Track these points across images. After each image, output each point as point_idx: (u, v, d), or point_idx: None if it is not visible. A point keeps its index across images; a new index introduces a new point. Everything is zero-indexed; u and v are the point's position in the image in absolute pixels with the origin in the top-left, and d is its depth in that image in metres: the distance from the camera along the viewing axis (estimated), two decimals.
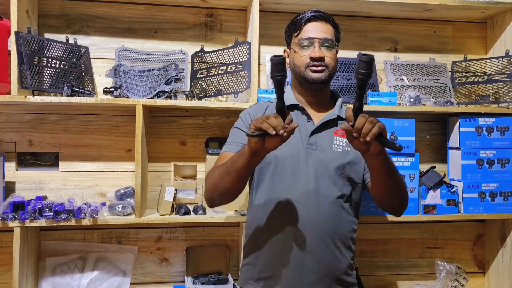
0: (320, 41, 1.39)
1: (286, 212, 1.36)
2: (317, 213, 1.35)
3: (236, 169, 1.19)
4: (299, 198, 1.35)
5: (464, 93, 2.19)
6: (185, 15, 2.05)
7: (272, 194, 1.38)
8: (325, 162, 1.38)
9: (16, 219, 1.67)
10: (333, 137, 1.42)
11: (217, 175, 1.27)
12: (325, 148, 1.40)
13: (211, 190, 1.31)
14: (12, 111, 1.91)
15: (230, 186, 1.25)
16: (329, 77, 1.42)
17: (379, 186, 1.29)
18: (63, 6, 1.95)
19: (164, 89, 1.84)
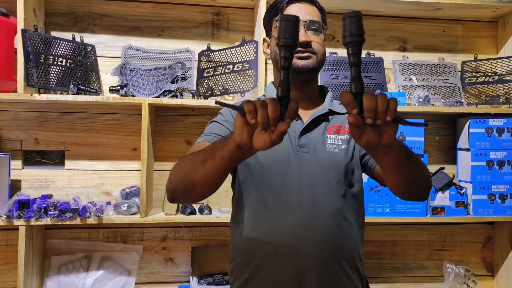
0: (306, 24, 1.18)
1: (279, 230, 1.14)
2: (315, 228, 1.14)
3: (214, 158, 0.91)
4: (292, 211, 1.14)
5: (474, 93, 2.16)
6: (192, 14, 2.04)
7: (260, 209, 1.17)
8: (320, 166, 1.16)
9: (21, 217, 1.67)
10: (326, 136, 1.20)
11: (188, 162, 0.99)
12: (318, 150, 1.18)
13: (176, 179, 1.02)
14: (19, 109, 1.90)
15: (201, 178, 0.96)
16: (318, 65, 1.20)
17: (395, 179, 1.03)
18: (70, 4, 1.95)
19: (171, 87, 1.83)
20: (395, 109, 0.75)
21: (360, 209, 1.24)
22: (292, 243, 1.13)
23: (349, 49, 0.78)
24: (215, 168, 0.92)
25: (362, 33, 0.77)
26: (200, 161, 0.95)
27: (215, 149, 0.92)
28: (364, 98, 0.75)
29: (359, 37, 0.77)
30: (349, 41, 0.77)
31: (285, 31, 0.79)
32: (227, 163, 0.90)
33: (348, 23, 0.77)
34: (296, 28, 0.79)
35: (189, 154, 1.02)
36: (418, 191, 1.09)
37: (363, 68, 2.04)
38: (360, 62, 0.78)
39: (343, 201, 1.17)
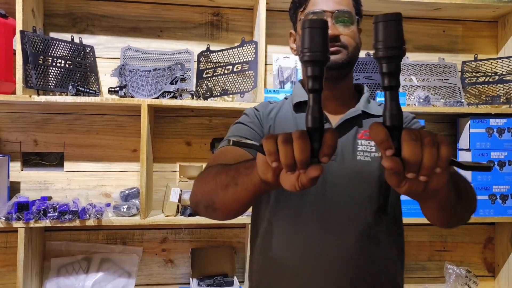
0: (333, 14, 1.03)
1: (298, 251, 0.99)
2: (341, 252, 0.96)
3: (236, 186, 0.78)
4: (313, 230, 0.98)
5: (474, 93, 2.15)
6: (191, 14, 2.03)
7: (277, 226, 1.03)
8: (349, 177, 1.00)
9: (20, 219, 1.66)
10: (356, 142, 1.03)
11: (210, 180, 0.87)
12: (347, 158, 1.01)
13: (198, 195, 0.93)
14: (17, 111, 1.90)
15: (223, 204, 0.85)
16: (349, 60, 1.05)
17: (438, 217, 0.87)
18: (69, 5, 1.94)
19: (170, 88, 1.82)
20: (448, 158, 0.57)
21: (397, 229, 1.07)
22: (314, 270, 0.97)
23: (383, 65, 0.58)
24: (237, 197, 0.80)
25: (402, 44, 0.57)
26: (222, 184, 0.82)
27: (238, 174, 0.78)
28: (404, 145, 0.56)
29: (398, 51, 0.56)
30: (383, 55, 0.57)
31: (310, 42, 0.60)
32: (251, 195, 0.77)
33: (383, 30, 0.57)
34: (324, 37, 0.60)
35: (213, 168, 0.90)
36: (461, 223, 0.94)
37: (363, 68, 2.04)
38: (398, 84, 0.58)
39: (375, 219, 0.99)
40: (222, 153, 1.00)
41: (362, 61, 2.05)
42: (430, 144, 0.56)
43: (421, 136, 0.57)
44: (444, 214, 0.84)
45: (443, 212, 0.82)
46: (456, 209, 0.82)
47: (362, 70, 2.03)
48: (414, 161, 0.56)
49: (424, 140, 0.56)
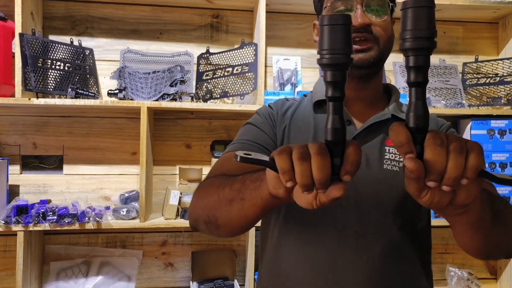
0: (364, 0, 0.90)
1: (311, 271, 0.89)
2: (360, 274, 0.86)
3: (243, 202, 0.70)
4: (332, 247, 0.88)
5: (475, 94, 2.14)
6: (191, 16, 2.03)
7: (290, 238, 0.92)
8: (373, 188, 0.89)
9: (19, 223, 1.65)
10: (384, 149, 0.93)
11: (213, 194, 0.79)
12: (372, 165, 0.91)
13: (198, 210, 0.83)
14: (16, 114, 1.89)
15: (226, 220, 0.76)
16: (381, 56, 0.92)
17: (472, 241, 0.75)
18: (68, 7, 1.94)
19: (169, 91, 1.81)
20: (477, 168, 0.50)
21: (425, 249, 0.96)
22: (326, 284, 0.87)
23: (410, 58, 0.52)
24: (243, 214, 0.72)
25: (434, 35, 0.51)
26: (226, 199, 0.74)
27: (244, 187, 0.70)
28: (427, 149, 0.50)
29: (428, 42, 0.50)
30: (410, 47, 0.51)
31: (331, 42, 0.52)
32: (258, 211, 0.69)
33: (413, 17, 0.50)
34: (347, 36, 0.52)
35: (215, 179, 0.82)
36: (501, 253, 0.81)
37: None
38: (426, 80, 0.52)
39: (402, 237, 0.89)
40: (227, 160, 0.91)
41: None
42: (457, 150, 0.50)
43: (447, 141, 0.50)
44: (476, 239, 0.72)
45: (474, 236, 0.71)
46: (492, 235, 0.71)
47: None
48: (436, 168, 0.50)
49: (450, 145, 0.50)
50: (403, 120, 0.88)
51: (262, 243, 1.02)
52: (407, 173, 0.51)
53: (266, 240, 0.98)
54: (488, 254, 0.80)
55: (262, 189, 0.64)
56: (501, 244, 0.77)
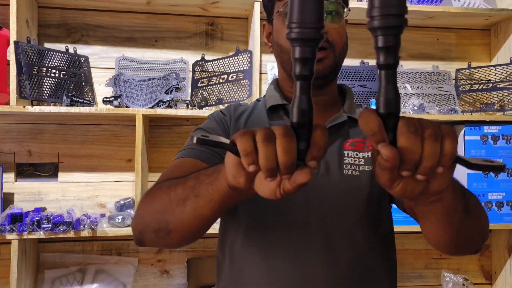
0: None
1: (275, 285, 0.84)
2: (331, 284, 0.83)
3: (197, 199, 0.64)
4: (298, 260, 0.83)
5: (468, 101, 2.16)
6: (186, 24, 2.04)
7: (252, 253, 0.86)
8: (334, 193, 0.86)
9: (14, 231, 1.65)
10: (342, 153, 0.89)
11: (163, 196, 0.71)
12: (332, 171, 0.87)
13: (146, 217, 0.75)
14: (11, 121, 1.89)
15: (179, 223, 0.69)
16: (336, 64, 0.89)
17: (441, 234, 0.72)
18: (64, 15, 1.94)
19: (165, 98, 1.82)
20: (453, 155, 0.47)
21: (390, 254, 0.93)
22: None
23: (379, 38, 0.47)
24: (199, 213, 0.65)
25: (404, 12, 0.47)
26: (179, 198, 0.67)
27: (199, 183, 0.64)
28: (400, 137, 0.46)
29: (398, 20, 0.46)
30: (379, 25, 0.47)
31: (301, 14, 0.48)
32: (215, 208, 0.63)
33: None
34: (320, 8, 0.49)
35: (164, 182, 0.74)
36: (471, 248, 0.78)
37: (357, 76, 2.04)
38: (397, 62, 0.48)
39: (366, 244, 0.86)
40: (178, 167, 0.83)
41: (356, 69, 2.05)
42: (432, 137, 0.46)
43: (421, 128, 0.47)
44: (448, 232, 0.69)
45: (447, 228, 0.68)
46: (464, 226, 0.68)
47: (357, 79, 2.04)
48: (411, 157, 0.46)
49: (425, 132, 0.47)
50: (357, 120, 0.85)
51: (219, 260, 0.96)
52: (380, 162, 0.47)
53: (224, 256, 0.93)
54: (458, 248, 0.77)
55: (220, 181, 0.59)
56: (472, 238, 0.75)
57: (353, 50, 2.14)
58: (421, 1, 2.11)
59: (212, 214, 0.65)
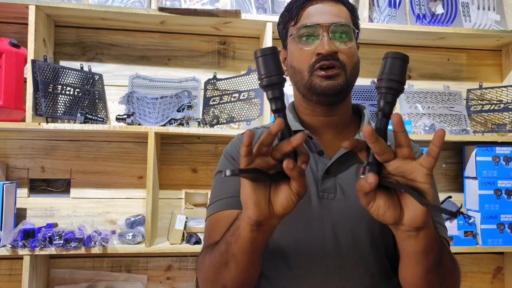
0: (330, 28, 0.90)
1: None
2: None
3: (234, 257, 0.73)
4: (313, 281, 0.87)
5: (480, 121, 2.15)
6: (199, 43, 2.07)
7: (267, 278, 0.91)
8: (350, 218, 0.88)
9: (26, 247, 1.66)
10: (359, 177, 0.84)
11: (209, 268, 0.80)
12: (349, 196, 0.89)
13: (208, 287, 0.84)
14: (26, 138, 1.92)
15: (233, 282, 0.77)
16: (348, 83, 0.92)
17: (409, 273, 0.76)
18: (79, 34, 1.98)
19: (177, 116, 1.84)
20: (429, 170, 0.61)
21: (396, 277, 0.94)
22: None
23: (383, 96, 0.64)
24: (242, 266, 0.74)
25: (404, 81, 0.64)
26: (221, 264, 0.76)
27: (228, 244, 0.73)
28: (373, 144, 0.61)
29: (399, 85, 0.64)
30: (385, 85, 0.64)
31: (265, 68, 0.67)
32: (252, 254, 0.71)
33: (390, 64, 0.64)
34: (276, 60, 0.67)
35: (206, 256, 0.83)
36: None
37: (368, 96, 2.05)
38: (390, 113, 0.65)
39: (381, 267, 0.89)
40: (213, 226, 0.91)
41: (367, 88, 2.06)
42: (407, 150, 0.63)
43: None
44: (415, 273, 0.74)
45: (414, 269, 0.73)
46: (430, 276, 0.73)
47: (367, 98, 2.05)
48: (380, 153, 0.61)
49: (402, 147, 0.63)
50: None
51: None
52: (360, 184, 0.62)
53: None
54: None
55: (242, 230, 0.68)
56: None
57: (364, 69, 2.15)
58: (432, 22, 2.12)
59: (252, 261, 0.74)
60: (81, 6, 1.77)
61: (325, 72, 0.89)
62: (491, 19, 2.17)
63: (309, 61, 0.91)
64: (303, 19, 0.93)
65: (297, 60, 0.93)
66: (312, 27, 0.91)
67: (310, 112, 0.97)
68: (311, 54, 0.90)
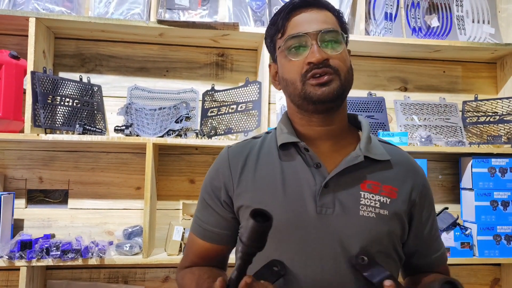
0: (318, 35, 0.89)
1: None
2: None
3: None
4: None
5: (475, 133, 2.17)
6: (197, 55, 2.09)
7: None
8: (349, 234, 0.86)
9: (23, 258, 1.66)
10: (359, 193, 0.90)
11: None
12: (348, 211, 0.88)
13: None
14: (24, 148, 1.92)
15: None
16: (344, 88, 0.90)
17: None
18: (79, 46, 2.00)
19: (175, 127, 1.85)
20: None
21: None
22: None
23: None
24: None
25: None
26: None
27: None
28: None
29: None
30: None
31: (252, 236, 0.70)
32: None
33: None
34: (265, 236, 0.71)
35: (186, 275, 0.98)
36: None
37: (365, 107, 2.07)
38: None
39: None
40: (190, 244, 1.04)
41: (364, 100, 2.08)
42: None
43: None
44: None
45: None
46: None
47: (364, 110, 2.07)
48: None
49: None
50: (377, 161, 0.94)
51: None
52: None
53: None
54: None
55: None
56: None
57: (360, 81, 2.18)
58: (428, 35, 2.15)
59: None
60: (81, 19, 1.79)
61: (317, 80, 0.88)
62: (486, 32, 2.20)
63: (300, 71, 0.89)
64: (289, 30, 0.92)
65: (288, 71, 0.92)
66: (299, 37, 0.90)
67: (306, 122, 0.95)
68: (302, 64, 0.89)
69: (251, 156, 0.98)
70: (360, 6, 2.03)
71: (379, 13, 2.13)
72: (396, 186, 0.93)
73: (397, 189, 0.92)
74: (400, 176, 0.95)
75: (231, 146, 1.04)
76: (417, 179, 0.98)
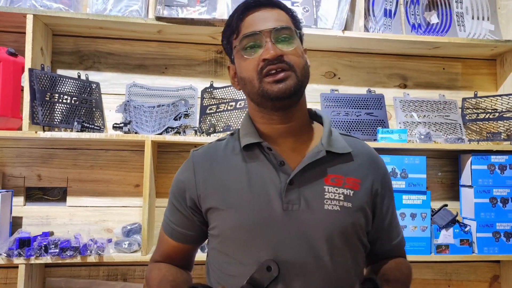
0: (272, 32, 0.90)
1: None
2: None
3: None
4: None
5: (475, 129, 2.17)
6: (196, 52, 2.08)
7: None
8: (314, 228, 0.89)
9: (21, 255, 1.66)
10: (323, 187, 0.92)
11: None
12: (313, 205, 0.90)
13: None
14: (23, 146, 1.92)
15: None
16: (300, 83, 0.92)
17: None
18: (77, 43, 1.99)
19: (173, 124, 1.84)
20: None
21: None
22: None
23: None
24: None
25: None
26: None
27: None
28: None
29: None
30: None
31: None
32: None
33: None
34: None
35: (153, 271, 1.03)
36: None
37: (364, 104, 2.07)
38: None
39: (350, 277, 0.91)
40: (160, 239, 1.08)
41: (363, 97, 2.08)
42: None
43: None
44: None
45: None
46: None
47: (363, 107, 2.06)
48: None
49: None
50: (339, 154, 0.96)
51: None
52: None
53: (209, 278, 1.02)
54: None
55: None
56: None
57: (359, 78, 2.17)
58: (427, 32, 2.14)
59: None
60: (78, 16, 1.79)
61: (273, 77, 0.89)
62: (486, 29, 2.19)
63: (256, 68, 0.90)
64: (244, 30, 0.93)
65: (245, 70, 0.93)
66: (253, 35, 0.91)
67: (266, 121, 0.96)
68: (257, 61, 0.90)
69: (216, 158, 1.00)
70: (359, 2, 2.02)
71: (378, 10, 2.12)
72: (358, 177, 0.96)
73: (360, 181, 0.95)
74: (362, 167, 0.98)
75: (197, 149, 1.06)
76: (378, 170, 1.02)
